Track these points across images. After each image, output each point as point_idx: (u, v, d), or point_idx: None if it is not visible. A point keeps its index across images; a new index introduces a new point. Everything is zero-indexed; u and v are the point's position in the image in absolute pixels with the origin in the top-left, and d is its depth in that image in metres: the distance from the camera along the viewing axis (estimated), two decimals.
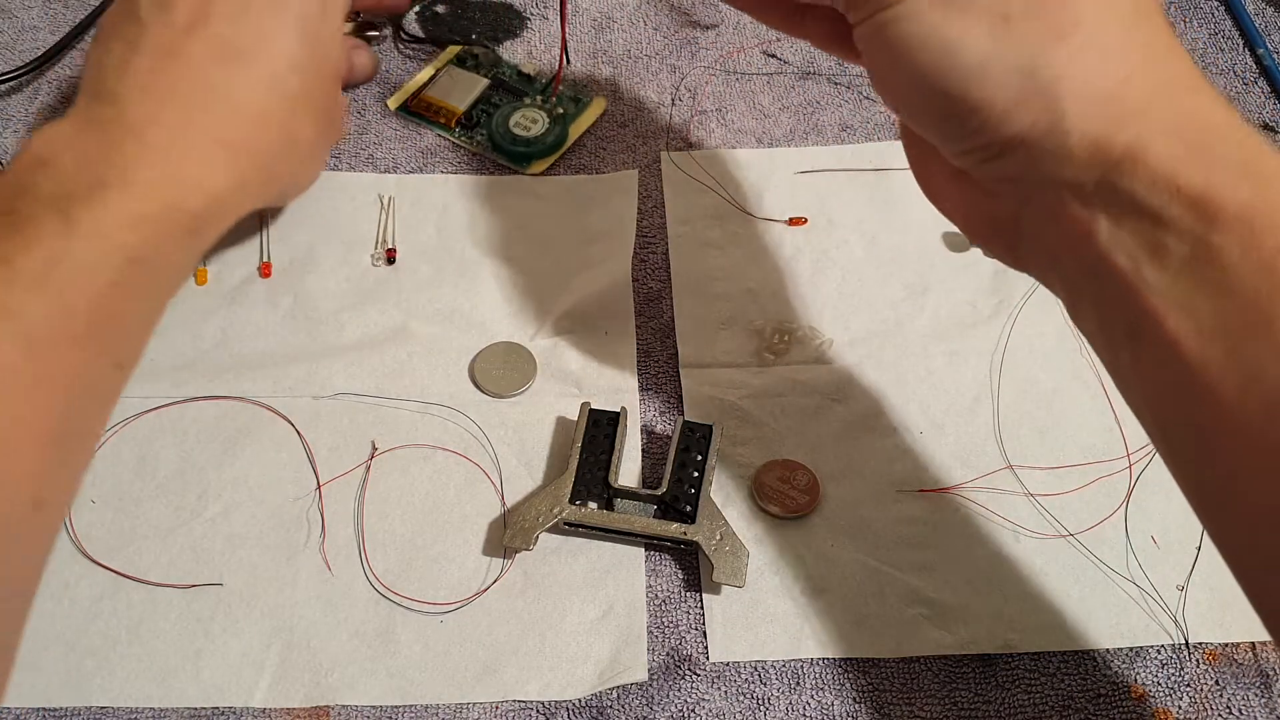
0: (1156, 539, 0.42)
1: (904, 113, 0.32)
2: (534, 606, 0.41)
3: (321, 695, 0.38)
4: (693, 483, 0.42)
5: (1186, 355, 0.26)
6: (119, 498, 0.42)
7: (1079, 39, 0.27)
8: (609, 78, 0.56)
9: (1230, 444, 0.26)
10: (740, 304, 0.48)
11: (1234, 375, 0.25)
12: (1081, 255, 0.28)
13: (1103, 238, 0.27)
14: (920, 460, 0.44)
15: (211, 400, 0.45)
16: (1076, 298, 0.30)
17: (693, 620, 0.40)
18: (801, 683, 0.39)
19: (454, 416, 0.45)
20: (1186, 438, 0.28)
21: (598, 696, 0.39)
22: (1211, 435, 0.26)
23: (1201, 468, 0.28)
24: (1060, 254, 0.30)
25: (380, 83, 0.56)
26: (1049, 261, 0.31)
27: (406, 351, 0.46)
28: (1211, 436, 0.27)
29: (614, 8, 0.59)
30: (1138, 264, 0.27)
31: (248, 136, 0.39)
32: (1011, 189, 0.30)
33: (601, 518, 0.41)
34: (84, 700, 0.38)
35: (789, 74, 0.57)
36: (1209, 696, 0.39)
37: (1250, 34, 0.59)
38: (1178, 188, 0.26)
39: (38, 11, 0.58)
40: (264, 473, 0.43)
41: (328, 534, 0.42)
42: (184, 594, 0.40)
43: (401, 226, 0.50)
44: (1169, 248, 0.26)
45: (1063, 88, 0.27)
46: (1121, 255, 0.27)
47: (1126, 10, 0.28)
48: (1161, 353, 0.27)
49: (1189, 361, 0.26)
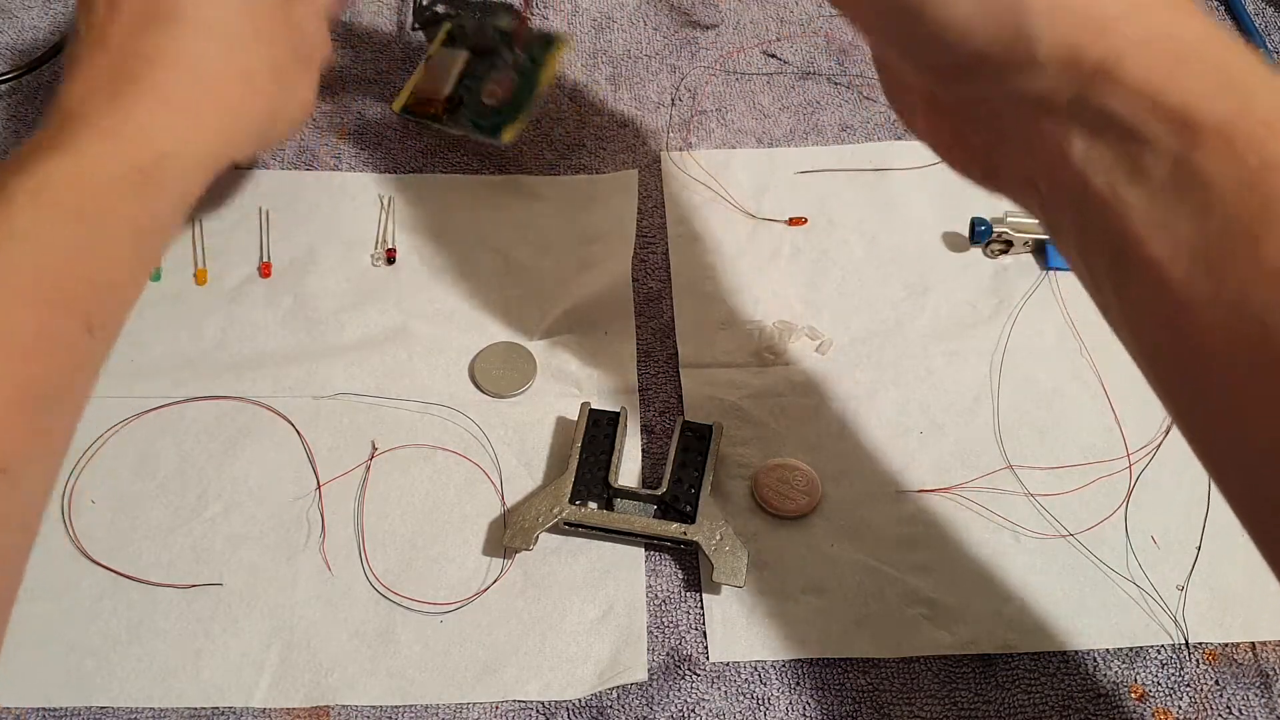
0: (1156, 539, 0.42)
1: (867, 32, 0.31)
2: (534, 606, 0.41)
3: (321, 695, 0.38)
4: (693, 483, 0.42)
5: (1170, 280, 0.25)
6: (119, 498, 0.42)
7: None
8: (609, 78, 0.56)
9: (1220, 375, 0.25)
10: (740, 304, 0.48)
11: (1218, 299, 0.24)
12: (1058, 179, 0.27)
13: (1078, 158, 0.26)
14: (920, 460, 0.44)
15: (211, 400, 0.45)
16: (1057, 224, 0.29)
17: (693, 620, 0.40)
18: (801, 683, 0.39)
19: (454, 416, 0.45)
20: (1175, 369, 0.26)
21: (598, 696, 0.39)
22: (1200, 366, 0.25)
23: (1193, 401, 0.26)
24: (1037, 179, 0.28)
25: (380, 83, 0.56)
26: (1027, 187, 0.29)
27: (406, 351, 0.47)
28: (1200, 367, 0.25)
29: (614, 8, 0.59)
30: (1115, 185, 0.25)
31: (189, 88, 0.38)
32: (983, 111, 0.29)
33: (601, 518, 0.41)
34: (84, 700, 0.38)
35: (789, 74, 0.57)
36: (1209, 696, 0.39)
37: (1251, 33, 0.59)
38: (1155, 103, 0.25)
39: (38, 12, 0.58)
40: (264, 473, 0.43)
41: (328, 534, 0.42)
42: (184, 594, 0.40)
43: (401, 226, 0.50)
44: (1147, 166, 0.25)
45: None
46: (1098, 176, 0.26)
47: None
48: (1144, 279, 0.25)
49: (1173, 287, 0.25)
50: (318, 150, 0.53)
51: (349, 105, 0.55)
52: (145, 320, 0.47)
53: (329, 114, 0.54)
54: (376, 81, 0.56)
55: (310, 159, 0.53)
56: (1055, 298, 0.49)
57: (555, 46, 0.51)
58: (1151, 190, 0.25)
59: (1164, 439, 0.44)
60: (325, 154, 0.53)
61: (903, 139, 0.54)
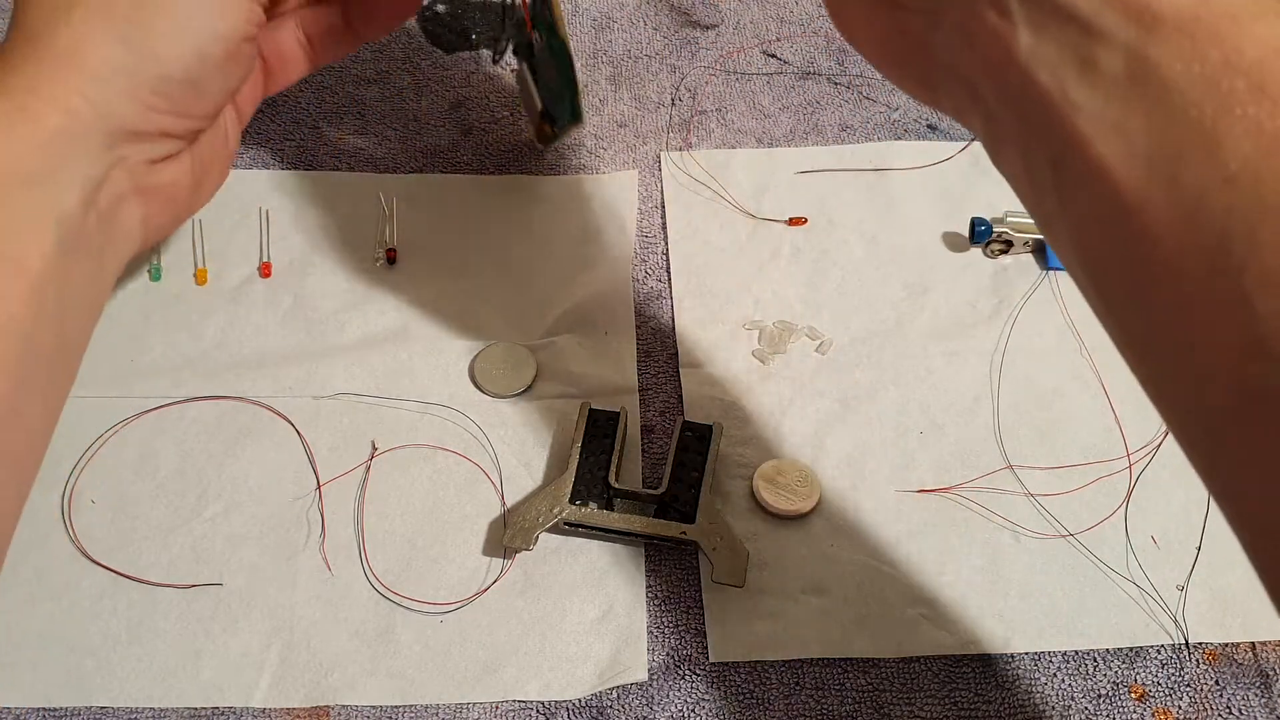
0: (1156, 539, 0.42)
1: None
2: (534, 606, 0.41)
3: (321, 695, 0.38)
4: (693, 483, 0.42)
5: (1119, 185, 0.23)
6: (119, 498, 0.42)
7: None
8: (609, 78, 0.56)
9: (1169, 284, 0.23)
10: (740, 304, 0.48)
11: (1172, 205, 0.22)
12: (1000, 78, 0.25)
13: (1023, 53, 0.24)
14: (920, 460, 0.44)
15: (211, 400, 0.45)
16: (997, 133, 0.27)
17: (692, 620, 0.40)
18: (801, 683, 0.39)
19: (454, 416, 0.45)
20: (1120, 281, 0.24)
21: (598, 696, 0.39)
22: (1148, 276, 0.23)
23: (1140, 318, 0.24)
24: (977, 80, 0.26)
25: (381, 83, 0.56)
26: (965, 91, 0.27)
27: (406, 351, 0.47)
28: (1148, 279, 0.23)
29: (614, 8, 0.59)
30: (1063, 82, 0.24)
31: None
32: (926, 7, 0.27)
33: (601, 518, 0.41)
34: (84, 700, 0.38)
35: (789, 74, 0.57)
36: (1209, 696, 0.39)
37: None
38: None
39: None
40: (264, 473, 0.43)
41: (328, 534, 0.42)
42: (184, 594, 0.40)
43: (401, 226, 0.50)
44: (1099, 61, 0.23)
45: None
46: (1045, 72, 0.24)
47: None
48: (1091, 184, 0.24)
49: (1121, 192, 0.23)
50: (318, 150, 0.53)
51: (349, 105, 0.55)
52: (145, 320, 0.47)
53: (329, 114, 0.54)
54: (376, 82, 0.56)
55: (310, 159, 0.53)
56: (1055, 298, 0.49)
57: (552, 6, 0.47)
58: (1103, 87, 0.23)
59: (1164, 439, 0.44)
60: (325, 154, 0.53)
61: (902, 139, 0.54)
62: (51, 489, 0.42)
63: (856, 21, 0.31)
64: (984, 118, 0.27)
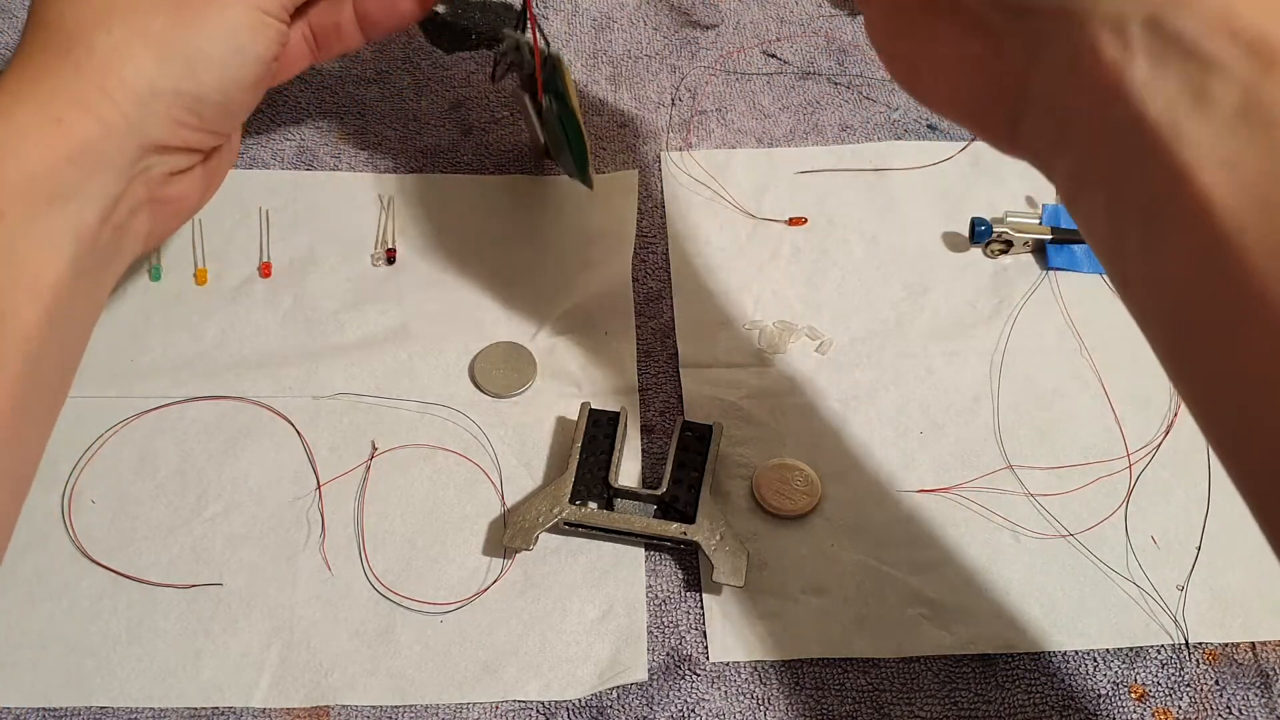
0: (1156, 539, 0.42)
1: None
2: (534, 606, 0.41)
3: (321, 695, 0.38)
4: (693, 483, 0.42)
5: (1220, 219, 0.22)
6: (119, 498, 0.42)
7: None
8: (609, 78, 0.56)
9: (1266, 327, 0.22)
10: (740, 304, 0.48)
11: (1273, 245, 0.22)
12: (1103, 111, 0.25)
13: (1138, 85, 0.24)
14: (920, 460, 0.44)
15: (211, 400, 0.45)
16: (1083, 173, 0.26)
17: (693, 620, 0.40)
18: (801, 683, 0.39)
19: (454, 416, 0.45)
20: (1207, 327, 0.24)
21: (598, 696, 0.39)
22: (1243, 316, 0.23)
23: (1228, 361, 0.24)
24: (1074, 116, 0.26)
25: (380, 83, 0.56)
26: (1056, 130, 0.27)
27: (406, 352, 0.46)
28: (1243, 318, 0.23)
29: (614, 8, 0.59)
30: (1176, 114, 0.23)
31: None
32: (1029, 32, 0.26)
33: (601, 518, 0.41)
34: (84, 700, 0.38)
35: (789, 74, 0.57)
36: (1209, 696, 0.39)
37: None
38: (1233, 29, 0.23)
39: None
40: (264, 473, 0.43)
41: (328, 534, 0.42)
42: (184, 594, 0.40)
43: (401, 226, 0.50)
44: (1215, 95, 0.23)
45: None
46: (1158, 103, 0.23)
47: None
48: (1187, 220, 0.23)
49: (1222, 227, 0.22)
50: (318, 150, 0.53)
51: (349, 105, 0.55)
52: (145, 320, 0.47)
53: (329, 114, 0.54)
54: (376, 82, 0.56)
55: (310, 159, 0.53)
56: (1055, 298, 0.49)
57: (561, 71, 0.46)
58: (1215, 122, 0.23)
59: (1164, 439, 0.44)
60: (325, 154, 0.53)
61: (902, 139, 0.54)
62: (51, 489, 0.42)
63: (936, 70, 0.30)
64: (1073, 158, 0.27)
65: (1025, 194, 0.52)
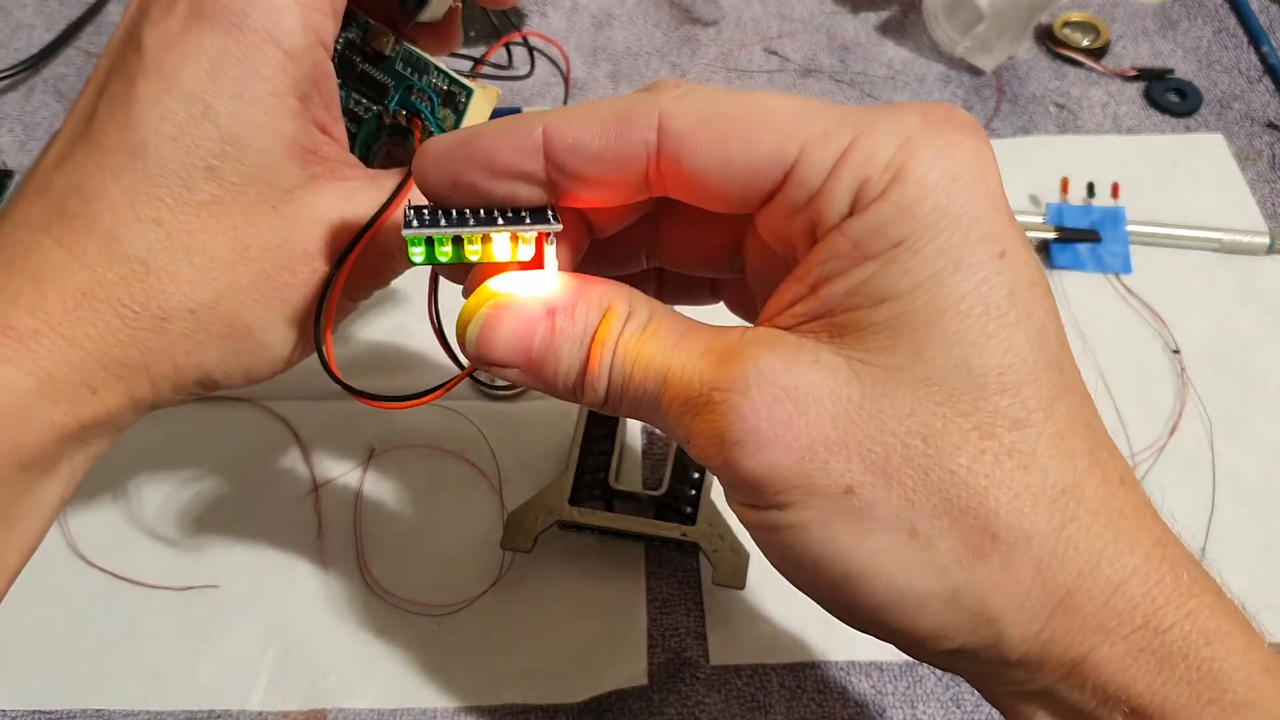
0: None
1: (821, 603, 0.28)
2: (533, 609, 0.40)
3: (318, 698, 0.38)
4: (693, 483, 0.42)
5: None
6: (115, 498, 0.42)
7: (998, 556, 0.24)
8: (609, 75, 0.56)
9: None
10: None
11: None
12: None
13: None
14: None
15: (210, 401, 0.44)
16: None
17: (693, 623, 0.40)
18: (803, 686, 0.39)
19: (453, 417, 0.45)
20: None
21: (597, 700, 0.38)
22: None
23: None
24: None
25: None
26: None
27: (406, 352, 0.46)
28: None
29: (614, 4, 0.59)
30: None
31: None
32: (954, 667, 0.28)
33: (601, 518, 0.41)
34: (79, 703, 0.38)
35: (790, 71, 0.56)
36: None
37: (1255, 32, 0.58)
38: (1131, 706, 0.24)
39: (32, 9, 0.58)
40: (261, 474, 0.43)
41: (325, 536, 0.42)
42: (180, 596, 0.40)
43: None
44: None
45: (993, 606, 0.24)
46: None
47: (1056, 505, 0.24)
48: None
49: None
50: None
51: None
52: None
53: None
54: None
55: None
56: (1059, 297, 0.48)
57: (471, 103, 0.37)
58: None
59: (1168, 440, 0.44)
60: None
61: None
62: None
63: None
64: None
65: (1029, 193, 0.52)
